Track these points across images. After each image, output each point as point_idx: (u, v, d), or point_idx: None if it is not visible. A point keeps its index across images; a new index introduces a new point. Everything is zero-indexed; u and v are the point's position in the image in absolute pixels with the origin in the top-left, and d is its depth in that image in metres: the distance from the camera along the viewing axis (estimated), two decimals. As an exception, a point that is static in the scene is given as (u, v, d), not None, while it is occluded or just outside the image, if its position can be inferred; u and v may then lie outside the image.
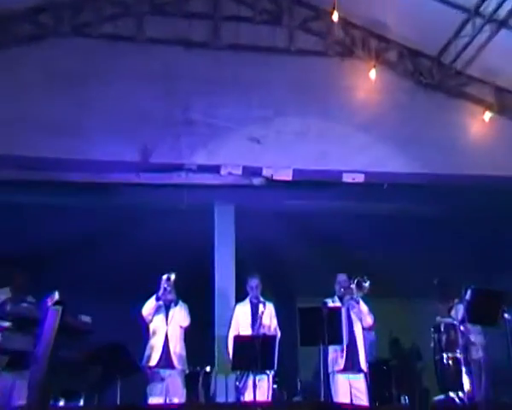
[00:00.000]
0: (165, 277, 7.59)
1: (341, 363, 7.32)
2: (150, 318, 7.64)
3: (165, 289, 7.58)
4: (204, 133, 8.61)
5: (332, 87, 9.00)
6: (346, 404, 7.01)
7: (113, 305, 9.40)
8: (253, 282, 7.73)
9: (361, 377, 7.35)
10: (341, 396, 7.25)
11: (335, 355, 7.34)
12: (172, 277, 7.58)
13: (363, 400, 7.23)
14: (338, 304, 7.53)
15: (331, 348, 7.23)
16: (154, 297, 7.62)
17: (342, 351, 7.34)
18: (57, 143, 8.06)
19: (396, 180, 8.78)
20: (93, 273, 9.10)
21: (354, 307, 7.47)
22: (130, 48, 8.69)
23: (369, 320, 7.51)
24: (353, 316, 7.51)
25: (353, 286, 7.46)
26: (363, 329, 7.57)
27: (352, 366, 7.34)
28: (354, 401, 7.18)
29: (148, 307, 7.64)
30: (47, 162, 8.09)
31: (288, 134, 8.83)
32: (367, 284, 7.42)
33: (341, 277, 7.75)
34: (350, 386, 7.33)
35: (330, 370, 7.33)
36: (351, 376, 7.32)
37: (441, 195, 8.85)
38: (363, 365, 7.39)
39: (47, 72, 8.37)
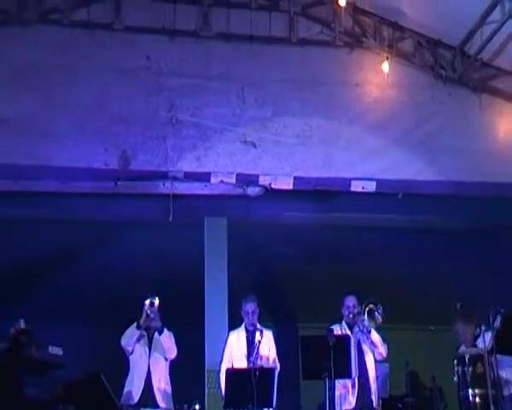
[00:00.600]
0: (147, 302, 7.49)
1: (352, 401, 7.25)
2: (130, 348, 7.54)
3: (147, 315, 7.49)
4: (192, 136, 8.52)
5: (339, 83, 8.93)
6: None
7: (89, 332, 9.35)
8: (249, 307, 7.63)
9: None
10: None
11: (344, 392, 7.26)
12: (156, 302, 7.48)
13: None
14: (346, 332, 7.45)
15: (339, 384, 7.13)
16: (134, 325, 7.52)
17: (353, 387, 7.26)
18: (21, 146, 7.97)
19: (412, 189, 8.71)
20: (66, 296, 9.02)
21: (365, 338, 7.39)
22: (106, 38, 8.57)
23: (382, 351, 7.43)
24: (364, 347, 7.43)
25: (364, 315, 7.39)
26: (376, 361, 7.49)
27: (363, 404, 7.26)
28: None
29: (128, 336, 7.53)
30: (7, 169, 7.97)
31: (289, 137, 8.75)
32: (380, 315, 7.34)
33: (350, 300, 7.65)
34: None
35: (338, 409, 7.25)
36: None
37: (464, 206, 8.79)
38: (376, 403, 7.31)
39: (10, 64, 8.24)
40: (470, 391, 7.29)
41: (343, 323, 7.63)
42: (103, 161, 8.21)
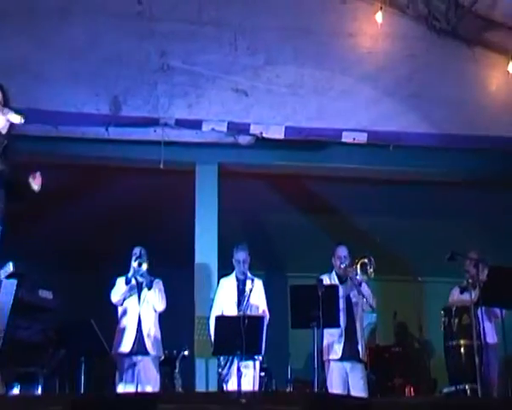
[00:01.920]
0: (135, 263, 7.55)
1: (338, 351, 7.33)
2: (121, 303, 7.63)
3: (135, 271, 7.56)
4: (183, 83, 8.46)
5: (332, 33, 8.82)
6: (341, 395, 7.03)
7: (79, 276, 9.38)
8: (241, 255, 7.68)
9: (359, 366, 7.37)
10: (337, 387, 7.28)
11: (332, 341, 7.35)
12: (144, 266, 7.55)
13: (361, 391, 7.25)
14: (336, 282, 7.51)
15: (326, 333, 7.24)
16: (123, 280, 7.58)
17: (340, 336, 7.34)
18: (9, 89, 7.88)
19: (403, 141, 8.70)
20: (55, 240, 9.01)
21: (355, 291, 7.45)
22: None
23: (372, 303, 7.50)
24: (353, 298, 7.49)
25: (357, 267, 7.43)
26: (363, 311, 7.56)
27: (349, 354, 7.35)
28: (352, 393, 7.20)
29: (118, 292, 7.61)
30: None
31: (281, 86, 8.69)
32: (372, 269, 7.38)
33: (341, 250, 7.69)
34: (347, 376, 7.36)
35: (325, 358, 7.34)
36: (348, 365, 7.34)
37: (455, 158, 8.83)
38: (362, 354, 7.40)
39: (-1, 5, 8.15)
40: (456, 342, 7.43)
41: (333, 273, 7.68)
42: (95, 106, 8.17)
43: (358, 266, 7.46)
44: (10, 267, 6.26)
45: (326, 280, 7.55)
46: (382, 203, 9.63)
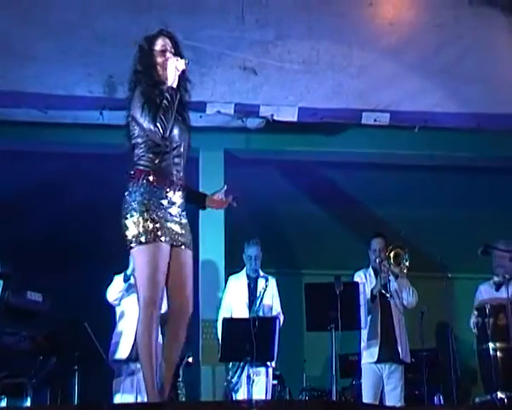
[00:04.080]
0: None
1: (375, 353, 7.42)
2: (118, 302, 7.59)
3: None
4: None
5: (350, 2, 8.73)
6: (366, 404, 7.02)
7: (71, 276, 9.36)
8: (252, 250, 7.67)
9: (399, 369, 7.43)
10: (369, 394, 7.40)
11: (368, 343, 7.44)
12: None
13: (395, 399, 7.29)
14: (371, 279, 7.66)
15: (363, 334, 7.43)
16: (121, 277, 7.53)
17: (376, 337, 7.41)
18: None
19: (430, 122, 8.58)
20: (46, 236, 8.99)
21: (391, 285, 7.49)
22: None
23: (410, 299, 7.55)
24: (390, 293, 7.53)
25: (390, 257, 7.47)
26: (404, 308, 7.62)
27: (387, 356, 7.42)
28: (386, 401, 7.24)
29: (115, 290, 7.57)
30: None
31: (293, 63, 8.60)
32: (406, 262, 7.42)
33: (377, 243, 7.72)
34: (382, 381, 7.43)
35: (363, 361, 7.40)
36: (386, 368, 7.38)
37: (487, 141, 8.73)
38: (404, 354, 7.45)
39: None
40: (491, 345, 7.38)
41: (369, 268, 7.74)
42: (87, 88, 8.09)
43: (391, 257, 7.48)
44: (-4, 267, 6.25)
45: (361, 277, 7.61)
46: (407, 192, 9.57)
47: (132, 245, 4.63)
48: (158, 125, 4.62)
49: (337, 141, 8.81)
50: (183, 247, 4.72)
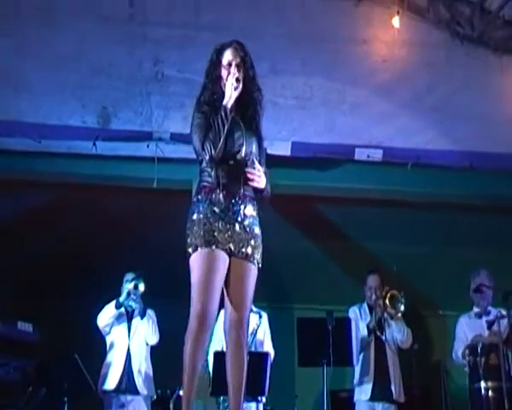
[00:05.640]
0: (131, 285, 7.54)
1: (368, 390, 7.41)
2: (108, 329, 7.58)
3: (128, 293, 7.52)
4: (179, 93, 8.43)
5: (344, 39, 8.81)
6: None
7: (62, 307, 9.34)
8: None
9: (392, 408, 7.41)
10: None
11: (361, 380, 7.42)
12: (141, 287, 7.53)
13: None
14: (367, 315, 7.74)
15: (357, 371, 7.46)
16: (113, 303, 7.54)
17: (369, 374, 7.41)
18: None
19: (423, 159, 8.63)
20: (36, 266, 8.97)
21: (388, 323, 7.52)
22: (86, -19, 8.50)
23: (407, 340, 7.56)
24: (385, 331, 7.55)
25: (385, 298, 7.52)
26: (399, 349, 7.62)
27: (380, 395, 7.42)
28: None
29: (106, 316, 7.58)
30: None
31: (287, 98, 8.68)
32: (402, 305, 7.46)
33: (373, 280, 7.77)
34: None
35: (355, 398, 7.39)
36: (379, 407, 7.38)
37: (480, 179, 8.78)
38: (397, 394, 7.45)
39: (-25, 6, 8.17)
40: (482, 384, 7.37)
41: (364, 304, 7.76)
42: (81, 119, 8.16)
43: (387, 299, 7.52)
44: (-15, 297, 6.25)
45: (355, 313, 7.63)
46: (399, 228, 9.60)
47: (189, 252, 4.60)
48: (205, 148, 4.58)
49: (330, 176, 8.82)
50: (241, 259, 4.63)
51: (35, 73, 8.09)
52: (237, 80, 4.76)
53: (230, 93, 4.71)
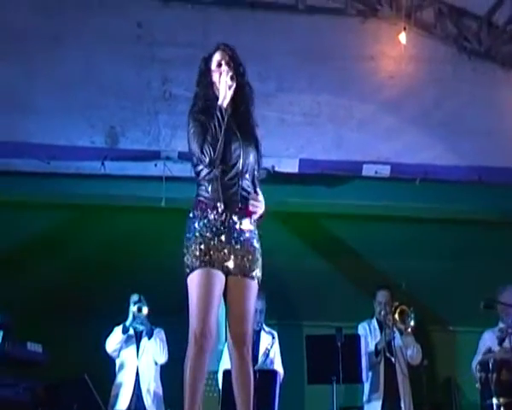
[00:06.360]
0: (135, 307, 7.56)
1: (377, 408, 7.39)
2: (117, 353, 7.62)
3: (134, 317, 7.56)
4: (187, 112, 8.48)
5: (350, 56, 8.87)
6: None
7: (71, 327, 9.35)
8: (258, 304, 7.66)
9: None
10: None
11: (370, 397, 7.40)
12: (145, 310, 7.55)
13: None
14: (376, 331, 7.62)
15: (366, 388, 7.46)
16: (120, 328, 7.57)
17: (378, 391, 7.40)
18: (-5, 119, 7.98)
19: (431, 175, 8.69)
20: (45, 287, 9.00)
21: (398, 340, 7.51)
22: (94, 2, 8.49)
23: (417, 357, 7.54)
24: (395, 350, 7.54)
25: (395, 314, 7.51)
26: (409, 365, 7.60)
27: None
28: None
29: (114, 341, 7.62)
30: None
31: (295, 115, 8.73)
32: (412, 321, 7.45)
33: (384, 295, 7.79)
34: None
35: None
36: None
37: (488, 194, 8.80)
38: None
39: (-15, 29, 8.24)
40: (494, 400, 7.33)
41: (373, 320, 7.76)
42: (89, 139, 8.21)
43: (397, 314, 7.51)
44: (-5, 318, 6.27)
45: (365, 328, 7.62)
46: (407, 244, 9.57)
47: (186, 272, 4.55)
48: (204, 151, 4.53)
49: (338, 193, 8.84)
50: (239, 276, 4.57)
51: (43, 94, 8.17)
52: (231, 78, 4.68)
53: (225, 92, 4.64)
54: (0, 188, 8.08)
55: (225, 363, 7.57)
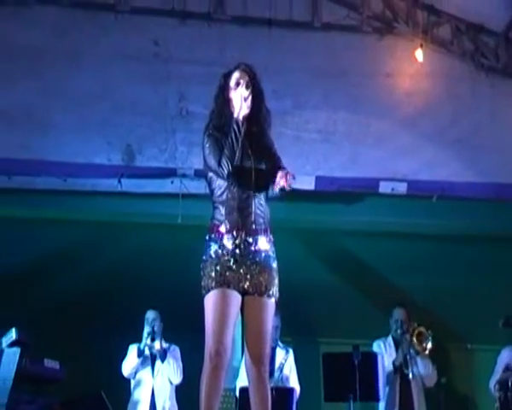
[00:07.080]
0: (147, 329, 7.59)
1: None
2: (133, 376, 7.65)
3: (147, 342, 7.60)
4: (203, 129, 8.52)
5: (367, 73, 8.89)
6: None
7: (88, 344, 9.39)
8: (273, 320, 7.67)
9: None
10: None
11: None
12: (157, 345, 7.61)
13: None
14: (391, 348, 7.57)
15: (383, 406, 7.55)
16: (135, 351, 7.60)
17: (393, 408, 7.39)
18: (15, 138, 8.03)
19: (448, 192, 8.70)
20: (63, 304, 9.05)
21: (414, 359, 7.49)
22: (110, 20, 8.57)
23: (431, 376, 7.52)
24: (411, 366, 7.53)
25: (413, 335, 7.49)
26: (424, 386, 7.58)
27: None
28: None
29: (129, 365, 7.65)
30: (1, 164, 8.03)
31: (311, 132, 8.75)
32: (430, 342, 7.42)
33: (401, 313, 7.76)
34: None
35: None
36: None
37: (506, 211, 8.78)
38: None
39: (4, 49, 8.30)
40: (515, 420, 7.30)
41: (389, 337, 7.74)
42: (106, 156, 8.26)
43: (415, 336, 7.50)
44: (13, 335, 6.29)
45: (381, 346, 7.61)
46: (425, 261, 9.55)
47: (203, 293, 4.56)
48: (222, 164, 4.54)
49: (354, 210, 8.83)
50: (255, 295, 4.56)
51: (60, 112, 8.24)
52: (247, 87, 4.68)
53: (241, 104, 4.64)
54: (18, 205, 8.13)
55: (242, 380, 7.58)
